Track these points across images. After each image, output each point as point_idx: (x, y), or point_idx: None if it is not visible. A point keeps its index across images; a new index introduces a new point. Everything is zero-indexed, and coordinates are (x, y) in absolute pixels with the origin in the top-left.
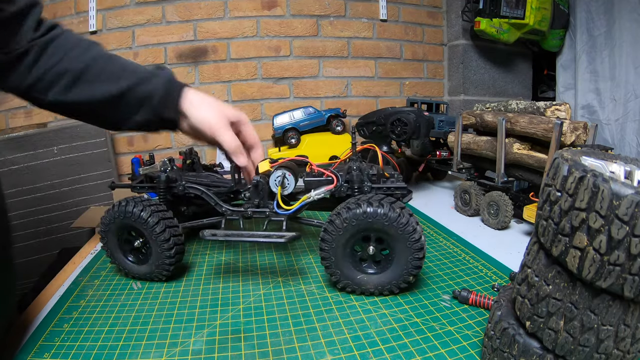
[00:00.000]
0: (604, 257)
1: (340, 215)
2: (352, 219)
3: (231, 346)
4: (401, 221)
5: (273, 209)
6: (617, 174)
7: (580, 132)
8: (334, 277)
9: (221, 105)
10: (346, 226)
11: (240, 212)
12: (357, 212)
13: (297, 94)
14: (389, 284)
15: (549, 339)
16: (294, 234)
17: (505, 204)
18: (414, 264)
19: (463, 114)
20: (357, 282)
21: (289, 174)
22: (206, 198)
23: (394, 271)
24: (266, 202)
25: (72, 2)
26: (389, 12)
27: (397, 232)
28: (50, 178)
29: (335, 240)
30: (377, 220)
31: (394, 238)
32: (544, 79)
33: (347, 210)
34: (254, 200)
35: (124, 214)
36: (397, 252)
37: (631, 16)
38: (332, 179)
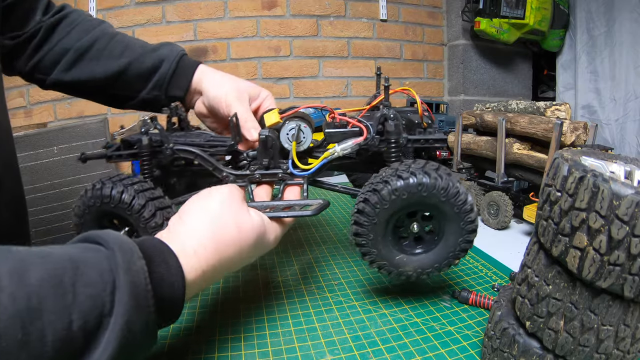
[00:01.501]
0: (604, 257)
1: (388, 185)
2: (404, 191)
3: (231, 346)
4: (460, 198)
5: (287, 169)
6: (617, 174)
7: (580, 132)
8: (368, 256)
9: (242, 81)
10: (394, 199)
11: (247, 175)
12: (411, 182)
13: (297, 94)
14: (430, 267)
15: (549, 339)
16: (322, 202)
17: (505, 204)
18: (463, 246)
19: (463, 114)
20: (395, 263)
21: (304, 125)
22: (201, 162)
23: (438, 253)
24: (277, 161)
25: (72, 2)
26: (389, 12)
27: (453, 210)
28: (50, 178)
29: (377, 215)
30: (433, 194)
31: (447, 216)
32: (544, 79)
33: (397, 179)
34: (262, 160)
35: (101, 200)
36: (446, 231)
37: (631, 16)
38: (361, 130)
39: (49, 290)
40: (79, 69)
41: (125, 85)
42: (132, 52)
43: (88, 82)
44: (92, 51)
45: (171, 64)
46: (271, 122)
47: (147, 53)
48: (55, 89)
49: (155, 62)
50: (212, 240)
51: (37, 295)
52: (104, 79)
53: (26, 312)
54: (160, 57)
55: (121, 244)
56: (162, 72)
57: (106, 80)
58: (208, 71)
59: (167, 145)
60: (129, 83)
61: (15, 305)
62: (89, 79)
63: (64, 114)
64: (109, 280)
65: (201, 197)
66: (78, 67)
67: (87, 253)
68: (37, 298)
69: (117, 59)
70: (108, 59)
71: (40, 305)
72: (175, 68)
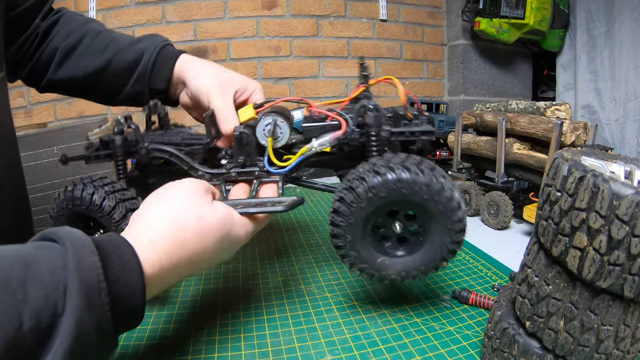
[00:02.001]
0: (604, 257)
1: (365, 182)
2: (382, 188)
3: (231, 346)
4: (445, 195)
5: (264, 166)
6: (617, 174)
7: (580, 132)
8: (347, 259)
9: (227, 71)
10: (372, 197)
11: (222, 174)
12: (389, 178)
13: (297, 94)
14: (416, 270)
15: (549, 339)
16: (295, 199)
17: (505, 204)
18: (451, 247)
19: (463, 114)
20: (376, 266)
21: (281, 120)
22: (176, 161)
23: (424, 254)
24: (254, 159)
25: (72, 2)
26: (389, 12)
27: (438, 209)
28: (50, 178)
29: (353, 214)
30: (414, 191)
31: (432, 215)
32: (544, 79)
33: (374, 175)
34: (238, 157)
35: (72, 202)
36: (431, 231)
37: (631, 16)
38: (339, 123)
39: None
40: (66, 67)
41: (109, 81)
42: (115, 46)
43: (75, 80)
44: (79, 48)
45: (151, 56)
46: (246, 118)
47: (128, 46)
48: (49, 90)
49: (136, 56)
50: (171, 231)
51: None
52: (90, 75)
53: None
54: (141, 50)
55: (73, 239)
56: (142, 64)
57: (92, 77)
58: (191, 60)
59: (142, 145)
60: (113, 78)
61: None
62: (75, 77)
63: (64, 114)
64: (62, 278)
65: (162, 189)
66: (65, 66)
67: (39, 251)
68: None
69: (100, 55)
70: (92, 55)
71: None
72: (155, 59)
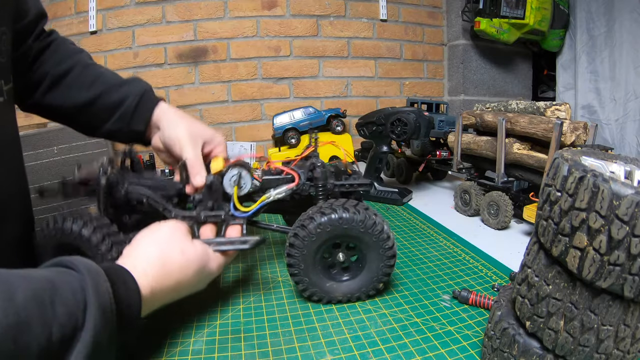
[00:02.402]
0: (604, 257)
1: (314, 220)
2: (327, 225)
3: (231, 346)
4: (376, 228)
5: (229, 211)
6: (617, 174)
7: (580, 132)
8: (301, 285)
9: (197, 124)
10: (320, 232)
11: (193, 217)
12: (333, 217)
13: (297, 94)
14: (358, 291)
15: (549, 339)
16: (258, 238)
17: (505, 204)
18: (385, 271)
19: (463, 114)
20: (325, 290)
21: (245, 172)
22: (152, 203)
23: (364, 278)
24: (220, 204)
25: (72, 2)
26: (389, 12)
27: (372, 240)
28: (50, 178)
29: (305, 247)
30: (352, 226)
31: (368, 245)
32: (544, 79)
33: (321, 215)
34: (207, 202)
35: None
36: (368, 259)
37: (631, 16)
38: (293, 177)
39: (34, 307)
40: (54, 95)
41: (92, 116)
42: (102, 84)
43: (60, 109)
44: (67, 79)
45: (134, 99)
46: (216, 170)
47: (114, 87)
48: (33, 111)
49: (120, 97)
50: (160, 262)
51: (24, 311)
52: (74, 107)
53: (16, 327)
54: (126, 92)
55: (89, 268)
56: (126, 106)
57: (75, 109)
58: (167, 109)
59: (122, 186)
60: (97, 113)
61: (7, 320)
62: (61, 106)
63: None
64: (81, 299)
65: (151, 229)
66: (54, 93)
67: (61, 276)
68: (25, 314)
69: (87, 90)
70: (79, 89)
71: (28, 320)
72: (137, 103)
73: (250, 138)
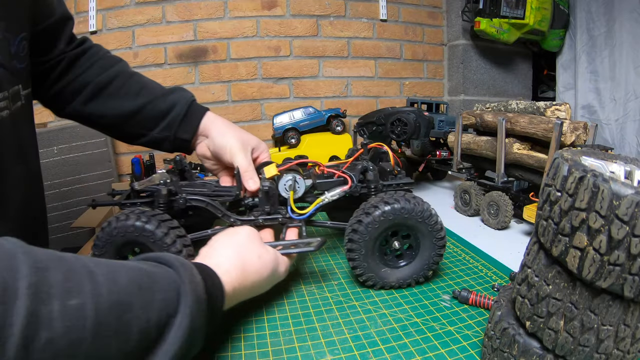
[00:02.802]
0: (604, 257)
1: (378, 208)
2: (390, 213)
3: (231, 346)
4: (433, 219)
5: (286, 214)
6: (617, 174)
7: (580, 132)
8: (358, 269)
9: (244, 132)
10: (382, 220)
11: (251, 220)
12: (396, 207)
13: (297, 94)
14: (409, 278)
15: (549, 339)
16: (321, 240)
17: (505, 204)
18: (435, 259)
19: (463, 114)
20: (380, 275)
21: (299, 177)
22: (211, 210)
23: (416, 265)
24: (277, 208)
25: (72, 2)
26: (389, 12)
27: (427, 229)
28: (50, 178)
29: (368, 233)
30: (412, 216)
31: (423, 234)
32: (544, 79)
33: (385, 204)
34: (264, 207)
35: (125, 230)
36: (422, 247)
37: (631, 16)
38: (346, 180)
39: (135, 291)
40: (96, 104)
41: (137, 124)
42: (148, 93)
43: (104, 117)
44: (111, 88)
45: (182, 108)
46: (270, 175)
47: (161, 96)
48: (71, 118)
49: (168, 106)
50: (240, 264)
51: (126, 293)
52: (119, 115)
53: (120, 306)
54: (172, 101)
55: (182, 262)
56: (173, 115)
57: (121, 118)
58: (214, 118)
59: (181, 195)
60: (142, 122)
61: (111, 298)
62: (105, 114)
63: None
64: (175, 289)
65: (229, 232)
66: (96, 102)
67: (155, 268)
68: (127, 295)
69: (133, 99)
70: (125, 97)
71: (130, 301)
72: (185, 112)
73: None
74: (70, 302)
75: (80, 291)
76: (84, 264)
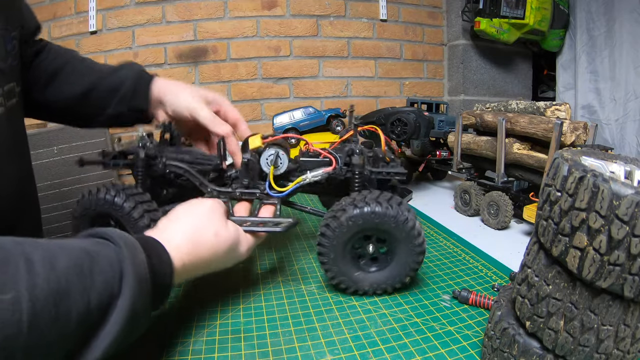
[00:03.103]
0: (604, 257)
1: (346, 212)
2: (359, 218)
3: (231, 346)
4: (408, 225)
5: (264, 190)
6: (617, 174)
7: (580, 132)
8: (329, 272)
9: (199, 89)
10: (351, 224)
11: (228, 192)
12: (365, 210)
13: (297, 94)
14: (385, 283)
15: (549, 339)
16: (292, 221)
17: (505, 204)
18: (413, 266)
19: (463, 114)
20: (353, 279)
21: (282, 152)
22: (189, 177)
23: (391, 271)
24: (256, 182)
25: (72, 2)
26: (389, 12)
27: (402, 235)
28: (50, 178)
29: (336, 237)
30: (384, 221)
31: (397, 240)
32: (544, 79)
33: (354, 208)
34: (243, 180)
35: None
36: (397, 252)
37: (631, 16)
38: (331, 161)
39: (74, 276)
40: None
41: (91, 104)
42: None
43: (59, 101)
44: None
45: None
46: (254, 146)
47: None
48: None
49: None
50: (193, 240)
51: (65, 280)
52: (73, 97)
53: (57, 293)
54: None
55: (126, 240)
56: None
57: (74, 100)
58: (165, 82)
59: (160, 160)
60: (95, 102)
61: (49, 287)
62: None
63: None
64: (117, 269)
65: (191, 204)
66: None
67: (97, 246)
68: (65, 282)
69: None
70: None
71: (68, 288)
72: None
73: None
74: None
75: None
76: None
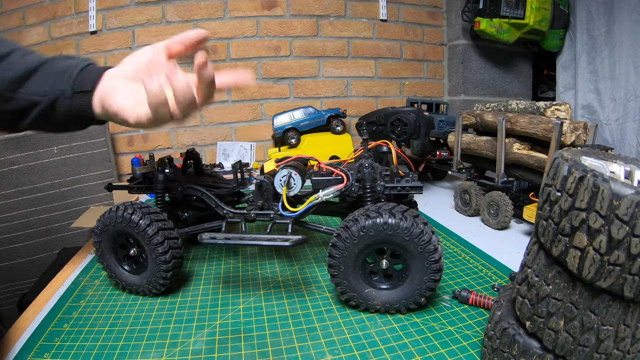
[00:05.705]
0: (604, 257)
1: (358, 223)
2: (370, 229)
3: (231, 346)
4: (423, 238)
5: (278, 211)
6: (617, 174)
7: (580, 132)
8: (339, 287)
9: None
10: (362, 235)
11: (243, 214)
12: (377, 221)
13: (297, 94)
14: (398, 303)
15: (549, 339)
16: (300, 237)
17: (505, 204)
18: (429, 285)
19: (463, 114)
20: (364, 296)
21: (295, 173)
22: (206, 199)
23: (406, 290)
24: (270, 203)
25: (72, 2)
26: (389, 12)
27: (417, 249)
28: (50, 178)
29: (347, 249)
30: (397, 233)
31: (412, 255)
32: (544, 79)
33: (366, 218)
34: (258, 201)
35: (121, 220)
36: (412, 269)
37: (631, 16)
38: (342, 178)
39: None
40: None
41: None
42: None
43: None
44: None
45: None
46: (269, 169)
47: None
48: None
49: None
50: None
51: None
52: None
53: None
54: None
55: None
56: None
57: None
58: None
59: (179, 183)
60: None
61: None
62: None
63: None
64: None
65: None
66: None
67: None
68: None
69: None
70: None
71: None
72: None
73: (250, 138)
74: None
75: None
76: None
